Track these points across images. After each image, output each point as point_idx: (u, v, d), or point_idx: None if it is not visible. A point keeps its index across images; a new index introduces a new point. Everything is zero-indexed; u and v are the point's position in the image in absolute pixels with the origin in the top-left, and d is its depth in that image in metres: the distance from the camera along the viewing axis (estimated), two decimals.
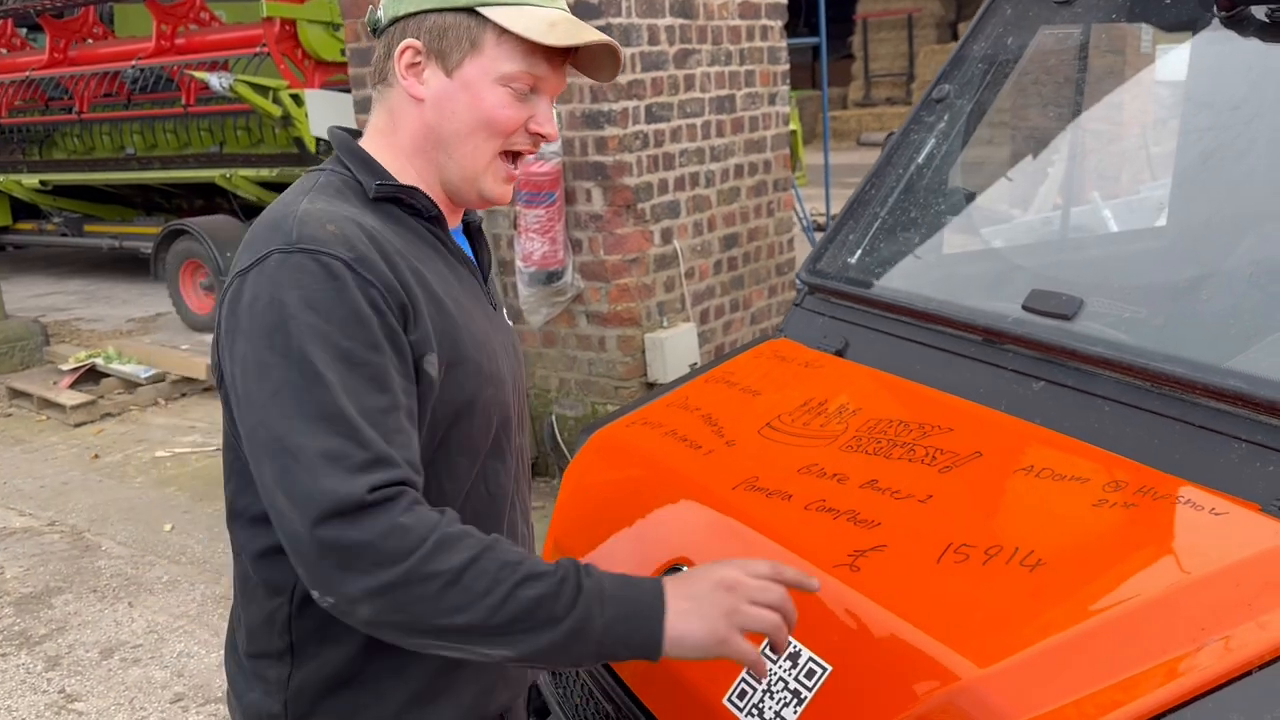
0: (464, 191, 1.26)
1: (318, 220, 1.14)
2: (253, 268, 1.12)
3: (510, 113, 1.21)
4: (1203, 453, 1.42)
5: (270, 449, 1.06)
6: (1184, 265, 2.00)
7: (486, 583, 1.04)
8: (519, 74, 1.20)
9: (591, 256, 4.34)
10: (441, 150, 1.23)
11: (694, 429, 1.89)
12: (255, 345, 1.09)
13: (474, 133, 1.21)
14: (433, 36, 1.20)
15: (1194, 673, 1.14)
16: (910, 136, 2.26)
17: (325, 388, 1.06)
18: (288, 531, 1.05)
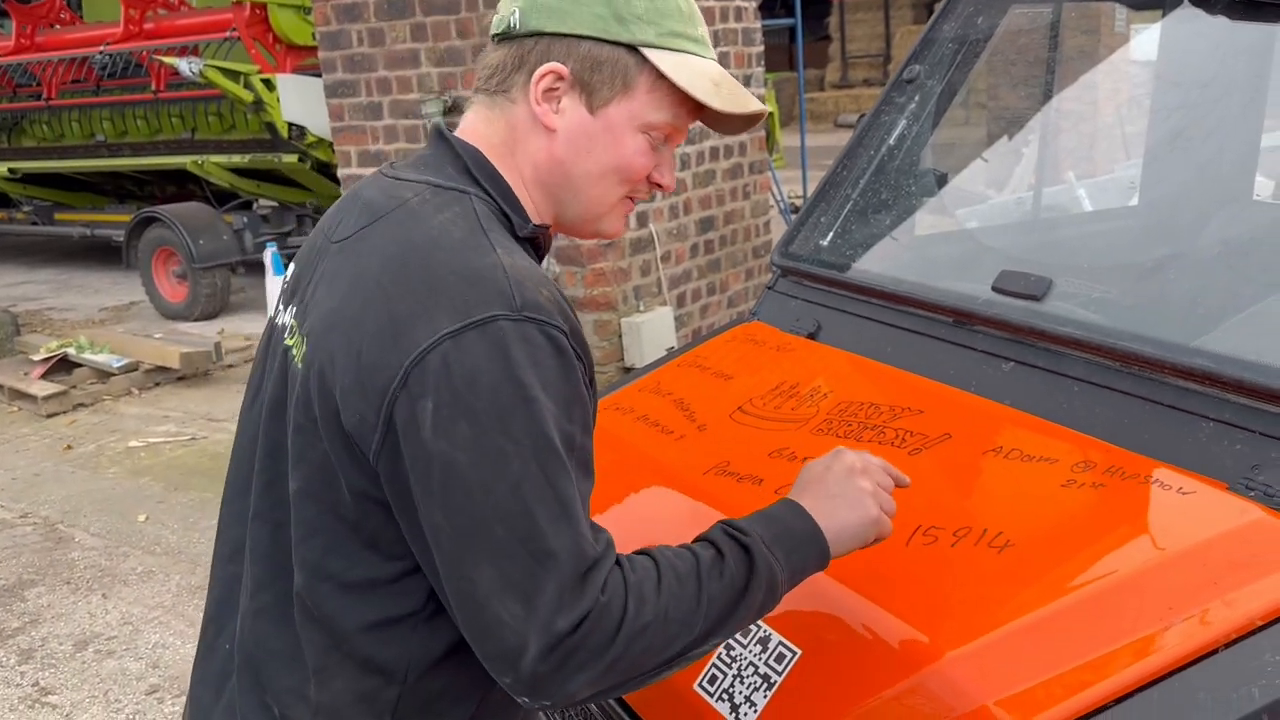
0: (580, 229, 1.20)
1: (532, 282, 1.02)
2: (468, 330, 0.96)
3: (645, 160, 1.14)
4: (1171, 432, 1.42)
5: (503, 549, 0.94)
6: (1153, 245, 2.01)
7: (686, 607, 1.02)
8: (664, 124, 1.13)
9: (566, 240, 4.32)
10: (567, 187, 1.14)
11: (666, 414, 1.88)
12: (485, 428, 0.95)
13: (605, 176, 1.13)
14: (584, 66, 1.09)
15: (1162, 652, 1.14)
16: (881, 118, 2.25)
17: (567, 480, 0.97)
18: (506, 639, 0.95)
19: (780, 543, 1.11)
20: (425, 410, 0.96)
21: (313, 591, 1.09)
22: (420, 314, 0.98)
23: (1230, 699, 1.08)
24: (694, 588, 1.03)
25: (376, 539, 1.06)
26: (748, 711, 1.28)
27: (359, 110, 4.71)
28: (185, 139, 8.42)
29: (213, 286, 7.82)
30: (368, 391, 0.99)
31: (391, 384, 0.97)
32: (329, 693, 1.09)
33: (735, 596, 1.06)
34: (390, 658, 1.08)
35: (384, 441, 0.99)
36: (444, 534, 0.97)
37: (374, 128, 4.70)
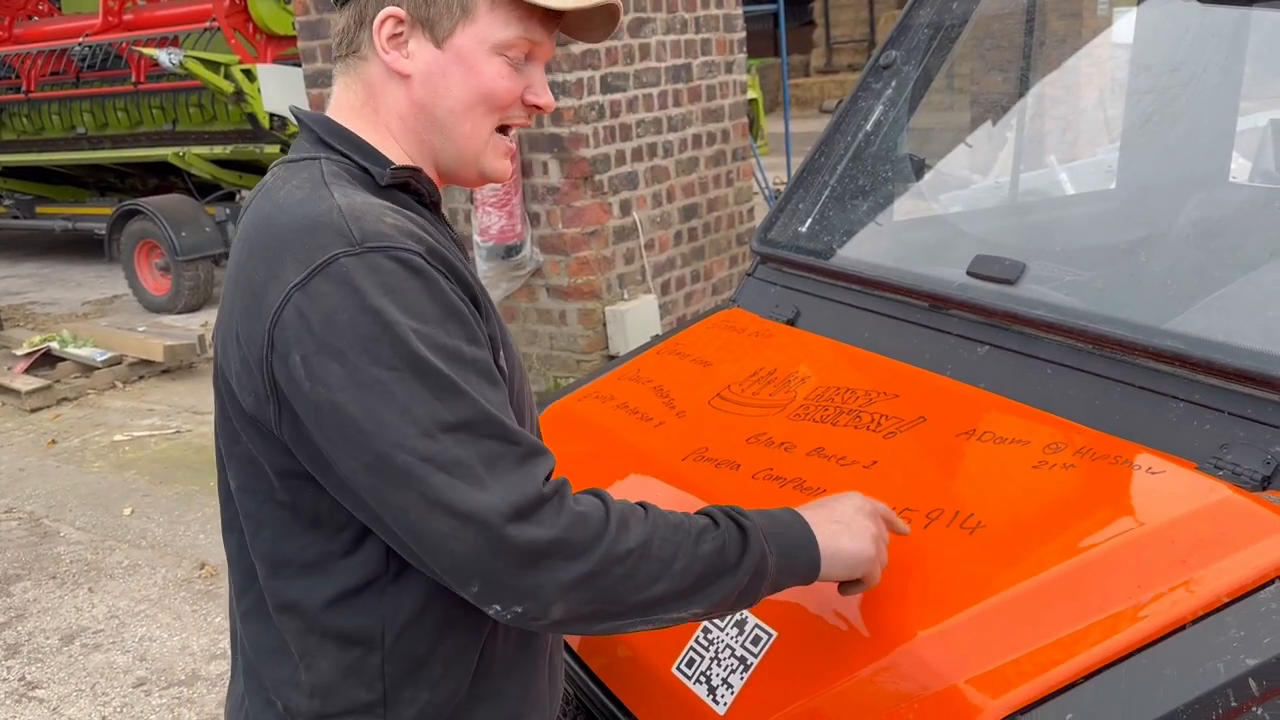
0: (462, 172, 1.16)
1: (372, 214, 1.01)
2: (313, 277, 0.97)
3: (508, 84, 1.10)
4: (1142, 413, 1.44)
5: (414, 471, 0.94)
6: (1128, 228, 2.02)
7: (670, 549, 1.02)
8: (516, 40, 1.09)
9: (550, 230, 4.32)
10: (435, 130, 1.12)
11: (645, 401, 1.89)
12: (356, 364, 0.95)
13: (471, 109, 1.10)
14: (417, 4, 1.07)
15: (1130, 629, 1.15)
16: (858, 104, 2.26)
17: (458, 393, 0.96)
18: (457, 552, 0.95)
19: (776, 539, 1.12)
20: (296, 365, 0.96)
21: (275, 580, 1.10)
22: (270, 277, 0.99)
23: (1196, 674, 1.10)
24: (683, 538, 1.05)
25: (317, 516, 1.07)
26: (725, 693, 1.30)
27: None
28: (166, 131, 8.37)
29: (196, 279, 7.79)
30: (250, 368, 1.01)
31: (263, 351, 0.99)
32: (316, 673, 1.10)
33: (722, 566, 1.06)
34: (363, 627, 1.08)
35: (279, 410, 1.00)
36: (359, 475, 0.97)
37: None
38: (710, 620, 1.36)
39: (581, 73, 4.13)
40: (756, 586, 1.10)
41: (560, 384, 4.54)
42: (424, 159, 1.14)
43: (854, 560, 1.17)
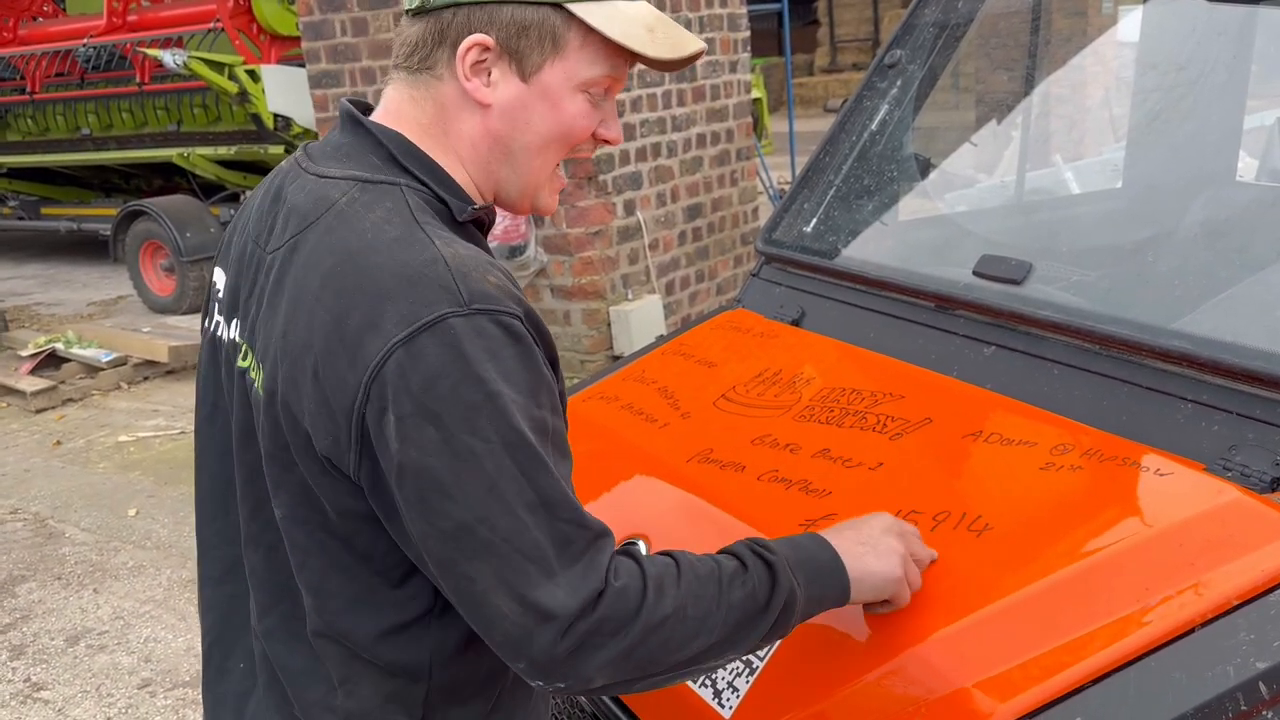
0: (519, 204, 1.13)
1: (478, 272, 0.98)
2: (418, 335, 0.93)
3: (587, 121, 1.08)
4: (1150, 414, 1.43)
5: (491, 548, 0.93)
6: (1133, 227, 2.01)
7: (705, 606, 1.02)
8: (602, 78, 1.07)
9: (554, 230, 4.32)
10: (506, 162, 1.09)
11: (650, 402, 1.88)
12: (453, 432, 0.92)
13: (547, 145, 1.08)
14: (509, 33, 1.03)
15: (1139, 632, 1.15)
16: (863, 103, 2.25)
17: (541, 469, 0.95)
18: (511, 634, 0.95)
19: (803, 568, 1.11)
20: (390, 423, 0.94)
21: (323, 610, 1.08)
22: (368, 325, 0.95)
23: (1205, 678, 1.09)
24: (714, 590, 1.04)
25: (371, 551, 1.05)
26: (730, 697, 1.29)
27: None
28: (171, 131, 8.38)
29: (200, 279, 7.80)
30: (334, 413, 0.97)
31: (355, 401, 0.95)
32: (356, 699, 1.09)
33: (754, 610, 1.05)
34: (412, 659, 1.08)
35: (360, 458, 0.98)
36: (431, 540, 0.96)
37: None
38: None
39: None
40: (787, 619, 1.09)
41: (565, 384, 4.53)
42: (487, 186, 1.12)
43: (881, 582, 1.16)
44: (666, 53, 1.06)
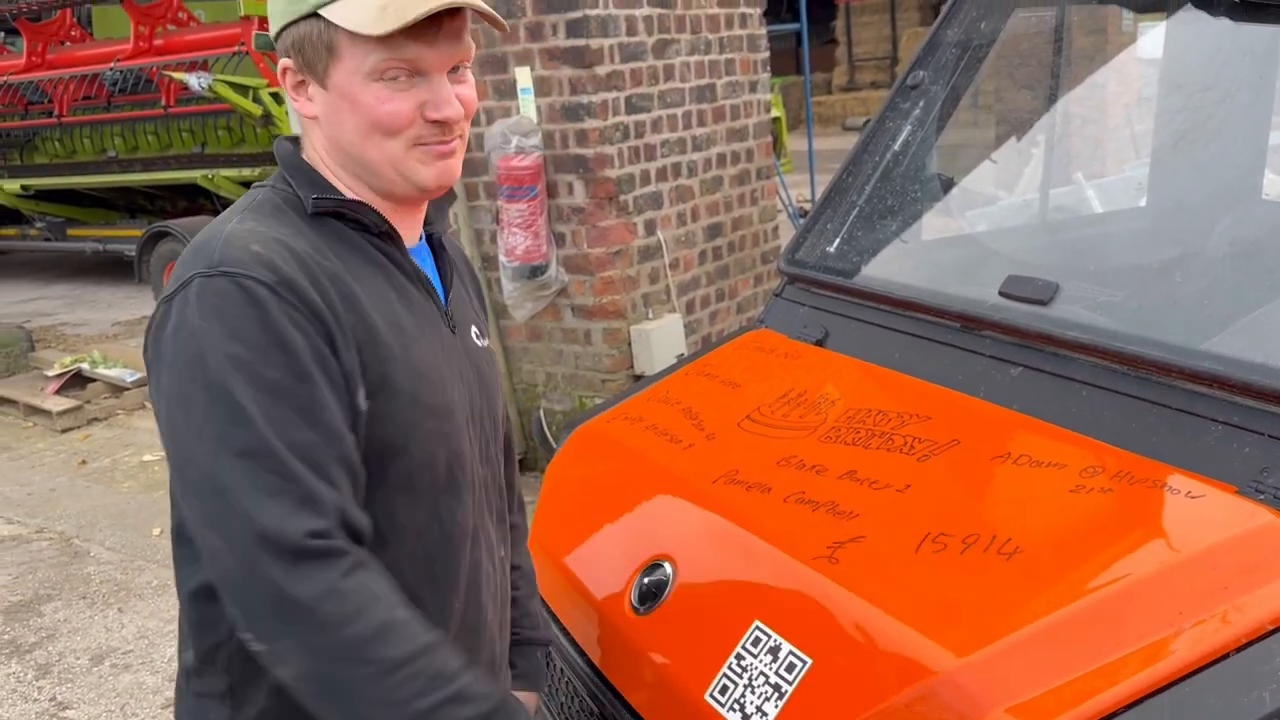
0: (399, 189, 1.17)
1: (243, 241, 1.08)
2: (176, 294, 1.06)
3: (394, 106, 1.10)
4: (1180, 436, 1.42)
5: (199, 487, 1.03)
6: (1160, 247, 2.00)
7: (419, 686, 1.02)
8: (385, 64, 1.09)
9: (575, 250, 4.33)
10: (352, 160, 1.16)
11: (674, 423, 1.88)
12: (178, 377, 1.04)
13: (366, 137, 1.12)
14: (296, 51, 1.12)
15: (1171, 657, 1.14)
16: (886, 124, 2.25)
17: (249, 422, 1.01)
18: (221, 571, 1.03)
19: None
20: (151, 369, 1.09)
21: (175, 559, 1.21)
22: (164, 290, 1.10)
23: (1240, 704, 1.08)
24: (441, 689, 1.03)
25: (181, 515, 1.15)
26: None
27: None
28: (196, 153, 8.47)
29: None
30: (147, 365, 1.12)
31: (146, 354, 1.11)
32: (187, 657, 1.21)
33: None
34: (215, 618, 1.13)
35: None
36: (172, 478, 1.09)
37: None
38: (743, 647, 1.36)
39: (606, 94, 4.14)
40: None
41: (586, 403, 4.54)
42: (362, 187, 1.18)
43: None
44: (390, 25, 1.06)
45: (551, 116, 4.19)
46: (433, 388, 1.16)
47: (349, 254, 1.15)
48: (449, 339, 1.24)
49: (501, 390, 1.34)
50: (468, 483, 1.21)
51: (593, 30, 4.03)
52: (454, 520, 1.20)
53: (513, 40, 4.17)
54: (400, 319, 1.16)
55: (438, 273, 1.28)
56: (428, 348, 1.18)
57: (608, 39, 4.12)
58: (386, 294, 1.16)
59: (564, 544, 1.80)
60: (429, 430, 1.15)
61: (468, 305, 1.34)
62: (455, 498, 1.20)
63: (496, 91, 4.30)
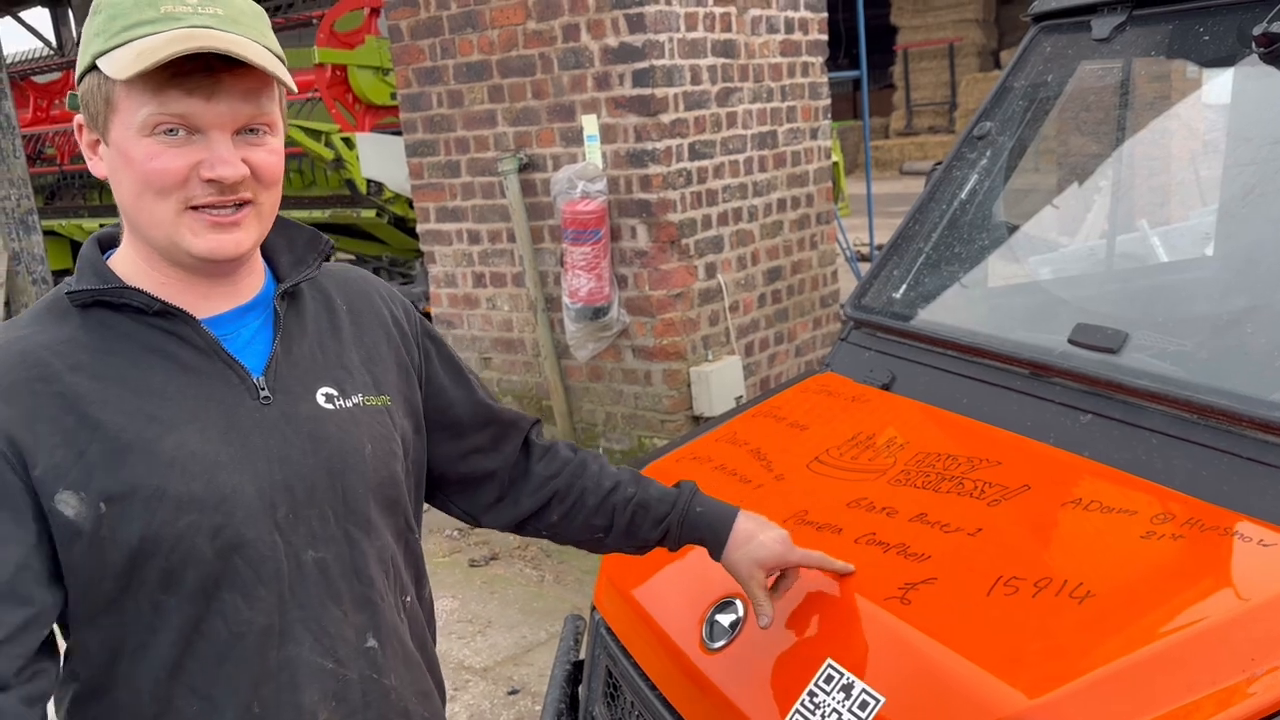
0: (177, 257, 1.09)
1: None
2: None
3: (161, 164, 1.03)
4: (1250, 484, 1.43)
5: None
6: (1229, 297, 2.01)
7: None
8: (155, 118, 1.02)
9: (637, 292, 4.41)
10: (135, 227, 1.09)
11: (743, 463, 1.93)
12: None
13: (138, 196, 1.05)
14: (83, 108, 1.07)
15: (1244, 703, 1.15)
16: (953, 173, 2.30)
17: None
18: None
19: None
20: None
21: None
22: None
23: None
24: None
25: None
26: None
27: (438, 168, 4.87)
28: None
29: None
30: None
31: None
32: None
33: None
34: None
35: None
36: None
37: (452, 185, 4.86)
38: (816, 685, 1.39)
39: (670, 140, 4.24)
40: None
41: (646, 443, 4.58)
42: (153, 255, 1.10)
43: None
44: (133, 68, 0.99)
45: (616, 162, 4.29)
46: (190, 476, 1.05)
47: (116, 344, 1.08)
48: (251, 413, 1.11)
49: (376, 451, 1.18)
50: (268, 574, 1.09)
51: (658, 80, 4.14)
52: (243, 618, 1.08)
53: (580, 89, 4.28)
54: (153, 409, 1.06)
55: (274, 332, 1.16)
56: (197, 432, 1.07)
57: (672, 88, 4.22)
58: (146, 383, 1.07)
59: (635, 579, 1.84)
60: (185, 525, 1.04)
61: (324, 364, 1.19)
62: (239, 593, 1.08)
63: (563, 138, 4.42)
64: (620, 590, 1.86)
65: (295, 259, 1.21)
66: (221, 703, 1.08)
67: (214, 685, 1.08)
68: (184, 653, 1.07)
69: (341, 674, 1.14)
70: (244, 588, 1.08)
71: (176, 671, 1.07)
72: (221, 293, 1.14)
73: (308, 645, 1.12)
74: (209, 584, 1.07)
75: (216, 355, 1.12)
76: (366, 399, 1.20)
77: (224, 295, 1.15)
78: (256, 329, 1.16)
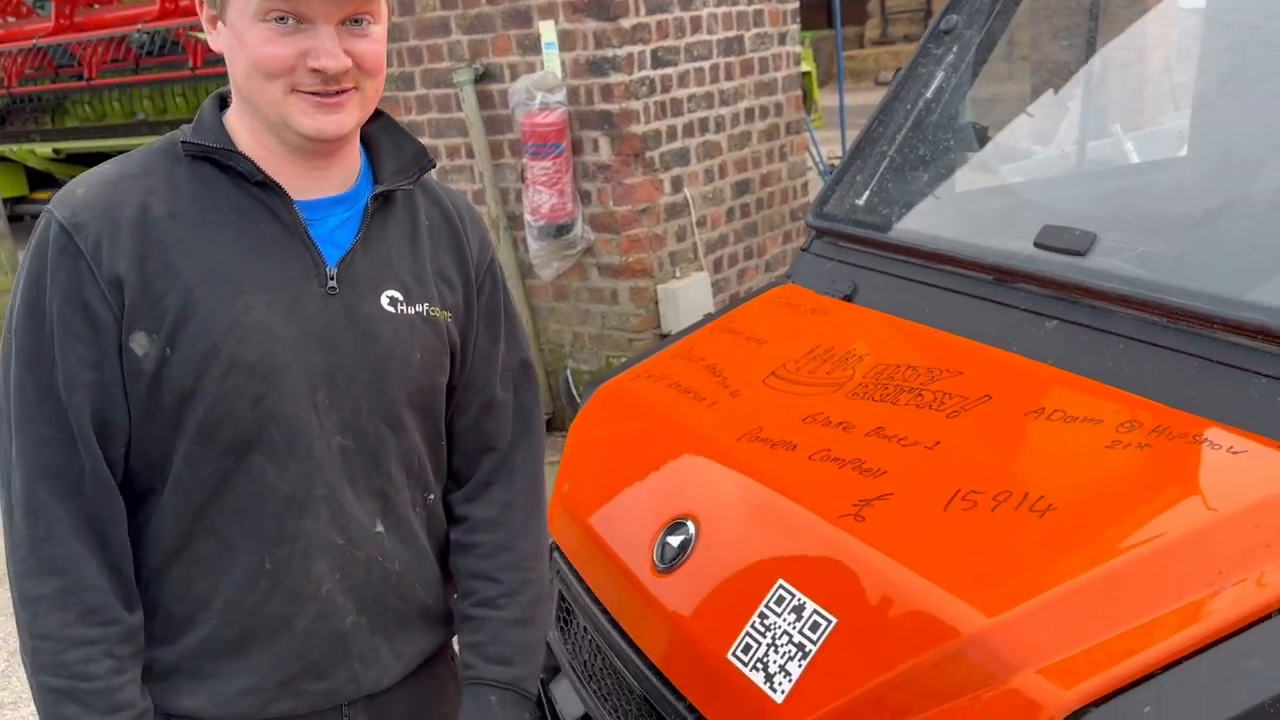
0: (284, 135, 1.15)
1: (82, 180, 1.14)
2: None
3: (272, 50, 1.09)
4: (1221, 389, 1.37)
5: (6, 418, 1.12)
6: (1202, 195, 1.93)
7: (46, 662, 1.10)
8: (266, 5, 1.08)
9: (601, 208, 4.28)
10: (246, 102, 1.15)
11: (698, 380, 1.85)
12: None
13: (250, 78, 1.12)
14: None
15: (1211, 617, 1.10)
16: (917, 71, 2.19)
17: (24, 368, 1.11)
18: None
19: None
20: None
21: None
22: None
23: None
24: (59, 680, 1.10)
25: None
26: (782, 681, 1.26)
27: (390, 81, 4.68)
28: None
29: None
30: None
31: None
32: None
33: None
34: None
35: None
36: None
37: (406, 98, 4.67)
38: (767, 606, 1.33)
39: (632, 47, 4.07)
40: None
41: (613, 363, 4.51)
42: (260, 131, 1.16)
43: None
44: None
45: (576, 71, 4.13)
46: (248, 344, 1.12)
47: (210, 200, 1.15)
48: (316, 299, 1.17)
49: (424, 360, 1.23)
50: (299, 449, 1.16)
51: None
52: (269, 483, 1.15)
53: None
54: (232, 271, 1.13)
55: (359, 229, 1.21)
56: (264, 303, 1.14)
57: None
58: (231, 244, 1.14)
59: (587, 503, 1.77)
60: (231, 385, 1.12)
61: (396, 269, 1.24)
62: (273, 461, 1.15)
63: (520, 47, 4.24)
64: (573, 513, 1.80)
65: (398, 168, 1.25)
66: (237, 550, 1.16)
67: (231, 534, 1.16)
68: (209, 500, 1.15)
69: (351, 551, 1.21)
70: (276, 456, 1.15)
71: (200, 514, 1.15)
72: (319, 178, 1.19)
73: (324, 521, 1.18)
74: (242, 445, 1.14)
75: (299, 237, 1.17)
76: (430, 310, 1.25)
77: (320, 181, 1.20)
78: (341, 222, 1.21)
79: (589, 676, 1.67)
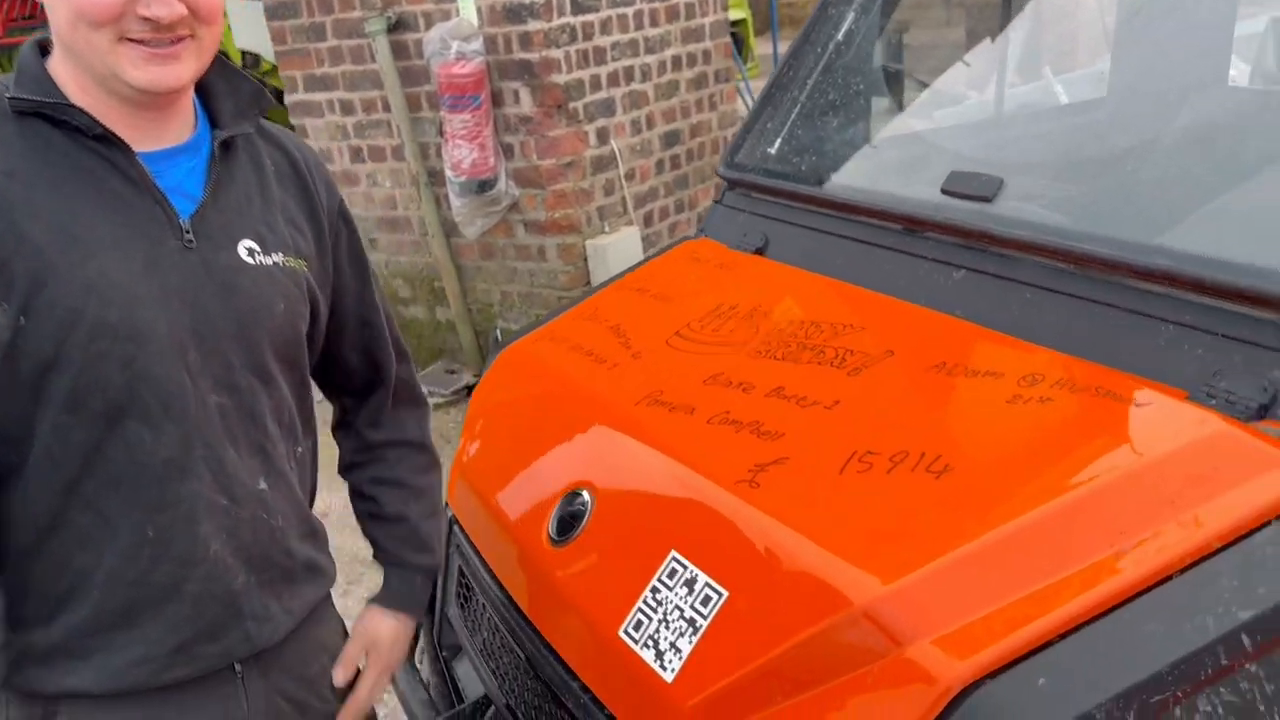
0: (115, 87, 1.09)
1: None
2: None
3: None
4: (1128, 338, 1.32)
5: None
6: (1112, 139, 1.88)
7: None
8: None
9: (524, 162, 4.15)
10: (69, 51, 1.08)
11: (600, 342, 1.77)
12: None
13: (73, 27, 1.05)
14: None
15: (1111, 581, 1.05)
16: (828, 11, 2.10)
17: None
18: None
19: None
20: None
21: None
22: None
23: (1183, 630, 0.99)
24: None
25: None
26: (673, 658, 1.20)
27: (302, 32, 4.48)
28: None
29: None
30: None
31: None
32: None
33: None
34: None
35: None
36: None
37: (318, 49, 4.48)
38: (659, 580, 1.26)
39: None
40: None
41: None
42: (89, 84, 1.09)
43: None
44: None
45: (493, 19, 3.97)
46: (107, 304, 1.06)
47: (46, 157, 1.07)
48: (172, 254, 1.12)
49: (287, 310, 1.20)
50: (174, 411, 1.11)
51: None
52: (146, 448, 1.11)
53: None
54: (81, 231, 1.06)
55: (206, 178, 1.16)
56: (119, 262, 1.07)
57: None
58: (75, 203, 1.07)
59: (484, 472, 1.69)
60: (97, 351, 1.06)
61: (249, 218, 1.20)
62: (148, 425, 1.10)
63: None
64: (471, 484, 1.71)
65: (237, 110, 1.20)
66: (116, 521, 1.11)
67: (108, 505, 1.11)
68: (82, 472, 1.10)
69: (235, 511, 1.18)
70: (151, 420, 1.11)
71: (73, 488, 1.10)
72: (155, 129, 1.13)
73: (206, 482, 1.15)
74: (114, 411, 1.09)
75: (149, 191, 1.11)
76: (286, 259, 1.21)
77: (158, 131, 1.13)
78: (186, 172, 1.16)
79: (488, 655, 1.60)
